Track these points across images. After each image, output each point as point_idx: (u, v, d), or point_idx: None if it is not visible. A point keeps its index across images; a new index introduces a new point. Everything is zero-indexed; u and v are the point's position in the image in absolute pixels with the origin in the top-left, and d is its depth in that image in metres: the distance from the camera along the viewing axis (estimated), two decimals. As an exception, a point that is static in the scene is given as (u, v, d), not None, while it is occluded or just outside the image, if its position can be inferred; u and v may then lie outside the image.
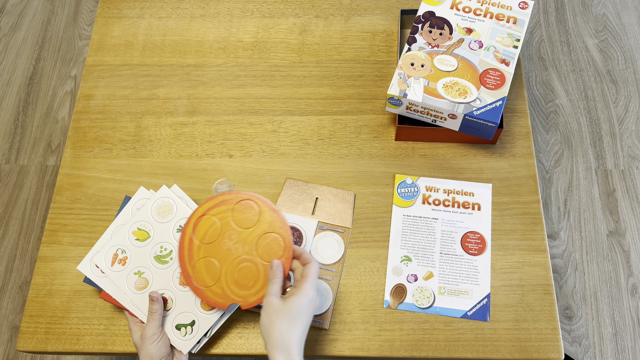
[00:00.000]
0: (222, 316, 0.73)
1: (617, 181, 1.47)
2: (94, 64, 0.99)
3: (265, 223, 0.72)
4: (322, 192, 0.85)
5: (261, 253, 0.71)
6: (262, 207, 0.72)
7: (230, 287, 0.70)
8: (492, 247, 0.81)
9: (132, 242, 0.76)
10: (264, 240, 0.71)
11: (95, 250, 0.76)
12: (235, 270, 0.70)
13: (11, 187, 1.52)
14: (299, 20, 1.02)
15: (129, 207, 0.79)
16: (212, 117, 0.93)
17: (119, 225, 0.78)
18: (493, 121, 0.79)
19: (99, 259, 0.75)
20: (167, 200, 0.77)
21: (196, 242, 0.71)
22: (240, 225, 0.72)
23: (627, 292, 1.34)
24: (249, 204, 0.72)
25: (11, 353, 1.33)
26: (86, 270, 0.75)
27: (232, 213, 0.72)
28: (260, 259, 0.70)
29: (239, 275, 0.70)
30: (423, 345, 0.75)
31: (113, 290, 0.74)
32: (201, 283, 0.70)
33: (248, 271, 0.70)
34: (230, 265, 0.70)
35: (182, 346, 0.72)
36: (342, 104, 0.93)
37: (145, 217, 0.77)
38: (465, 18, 0.88)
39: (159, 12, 1.04)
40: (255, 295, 0.69)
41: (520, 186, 0.85)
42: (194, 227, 0.72)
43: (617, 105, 1.57)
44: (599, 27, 1.70)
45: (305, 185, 0.86)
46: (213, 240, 0.71)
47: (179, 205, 0.77)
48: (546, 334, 0.75)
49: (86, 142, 0.92)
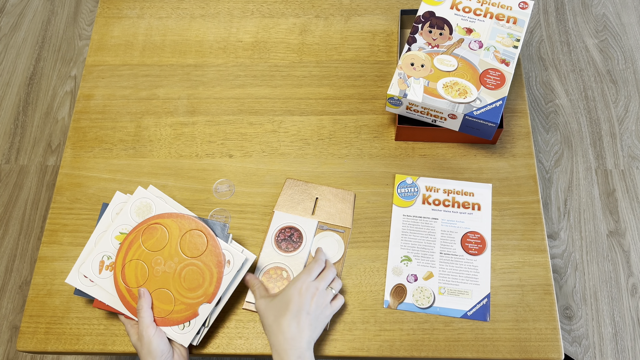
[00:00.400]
0: (218, 304, 0.74)
1: (617, 181, 1.47)
2: (94, 64, 0.99)
3: (175, 231, 0.75)
4: (322, 192, 0.85)
5: (190, 253, 0.74)
6: (163, 221, 0.76)
7: (187, 296, 0.73)
8: (492, 247, 0.81)
9: (116, 247, 0.76)
10: (184, 243, 0.74)
11: (81, 260, 0.76)
12: (182, 282, 0.73)
13: (11, 187, 1.52)
14: (299, 20, 1.02)
15: (108, 213, 0.78)
16: (212, 117, 0.93)
17: (100, 232, 0.77)
18: (493, 121, 0.79)
19: (86, 268, 0.75)
20: (146, 201, 0.78)
21: (134, 289, 0.74)
22: (157, 248, 0.75)
23: (627, 292, 1.35)
24: (151, 227, 0.76)
25: (11, 353, 1.33)
26: (75, 282, 0.75)
27: (144, 245, 0.75)
28: (192, 257, 0.74)
29: (187, 283, 0.73)
30: (423, 345, 0.75)
31: (105, 297, 0.74)
32: (163, 313, 0.73)
33: (192, 274, 0.73)
34: (174, 282, 0.74)
35: (182, 339, 0.72)
36: (342, 104, 0.93)
37: (126, 220, 0.77)
38: (465, 18, 0.88)
39: (159, 12, 1.04)
40: (211, 285, 0.73)
41: (520, 186, 0.85)
42: (123, 279, 0.74)
43: (617, 105, 1.57)
44: (599, 27, 1.70)
45: (305, 185, 0.86)
46: (146, 277, 0.74)
47: (158, 204, 0.77)
48: (546, 334, 0.75)
49: (86, 142, 0.92)
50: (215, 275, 0.73)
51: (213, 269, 0.73)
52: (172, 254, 0.74)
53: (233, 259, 0.74)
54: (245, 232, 0.83)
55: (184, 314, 0.72)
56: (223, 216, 0.85)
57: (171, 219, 0.76)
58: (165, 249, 0.74)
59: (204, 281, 0.73)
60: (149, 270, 0.74)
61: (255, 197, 0.86)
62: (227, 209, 0.85)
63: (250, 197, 0.86)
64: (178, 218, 0.76)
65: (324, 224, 0.83)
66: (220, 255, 0.74)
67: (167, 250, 0.74)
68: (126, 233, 0.76)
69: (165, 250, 0.74)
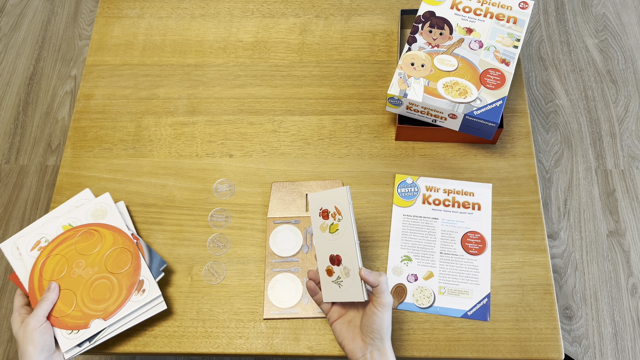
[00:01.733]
0: (115, 327, 0.74)
1: (617, 181, 1.47)
2: (94, 64, 0.99)
3: (108, 242, 0.78)
4: (310, 187, 0.85)
5: (111, 267, 0.76)
6: (103, 230, 0.78)
7: (88, 306, 0.74)
8: (492, 247, 0.81)
9: (58, 234, 0.79)
10: (111, 256, 0.77)
11: (22, 233, 0.79)
12: (90, 290, 0.75)
13: (11, 187, 1.52)
14: (299, 20, 1.02)
15: (69, 203, 0.82)
16: (212, 117, 0.93)
17: (54, 217, 0.81)
18: (493, 121, 0.79)
19: (22, 242, 0.78)
20: (104, 206, 0.81)
21: (46, 280, 0.75)
22: (86, 252, 0.77)
23: (627, 292, 1.35)
24: (89, 231, 0.79)
25: (11, 353, 1.33)
26: (6, 248, 0.78)
27: (76, 245, 0.78)
28: (111, 272, 0.76)
29: (94, 293, 0.75)
30: (423, 345, 0.75)
31: (22, 274, 0.76)
32: (59, 313, 0.73)
33: (103, 287, 0.75)
34: (84, 288, 0.75)
35: (63, 343, 0.72)
36: (342, 103, 0.93)
37: (79, 216, 0.80)
38: (465, 18, 0.88)
39: (159, 12, 1.04)
40: (114, 304, 0.74)
41: (520, 186, 0.85)
42: (41, 268, 0.76)
43: (617, 105, 1.57)
44: (599, 27, 1.70)
45: (292, 184, 0.86)
46: (62, 273, 0.76)
47: (113, 214, 0.81)
48: (546, 333, 0.75)
49: (86, 142, 0.92)
50: (123, 296, 0.75)
51: (123, 290, 0.75)
52: (95, 262, 0.77)
53: (149, 289, 0.75)
54: (245, 232, 0.83)
55: (76, 322, 0.73)
56: (223, 216, 0.85)
57: (111, 231, 0.79)
58: (91, 256, 0.77)
59: (110, 297, 0.74)
60: (67, 269, 0.76)
61: (256, 197, 0.86)
62: (227, 208, 0.85)
63: (251, 197, 0.86)
64: (117, 233, 0.78)
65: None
66: (137, 278, 0.75)
67: (92, 257, 0.77)
68: (73, 226, 0.79)
69: (91, 257, 0.77)
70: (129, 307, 0.74)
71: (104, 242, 0.78)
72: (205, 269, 0.81)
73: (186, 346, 0.76)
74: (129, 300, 0.74)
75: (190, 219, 0.85)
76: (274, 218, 0.83)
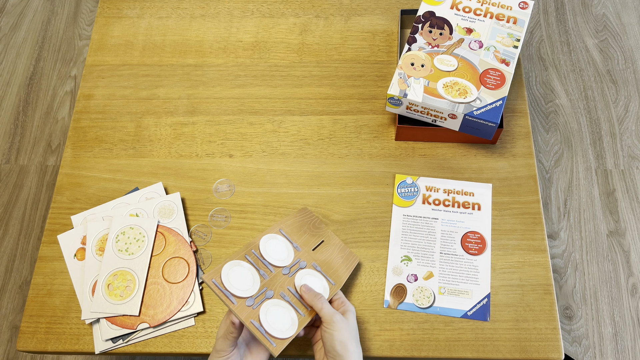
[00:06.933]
0: (152, 332, 0.75)
1: (617, 181, 1.47)
2: (94, 64, 0.99)
3: (170, 249, 0.79)
4: (330, 238, 0.81)
5: (167, 275, 0.78)
6: (168, 236, 0.80)
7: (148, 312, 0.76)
8: (492, 247, 0.81)
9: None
10: (169, 264, 0.78)
11: (93, 211, 0.84)
12: (144, 293, 0.77)
13: (11, 187, 1.52)
14: (299, 20, 1.02)
15: (140, 192, 0.85)
16: (212, 117, 0.93)
17: (124, 203, 0.84)
18: (493, 121, 0.79)
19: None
20: (171, 205, 0.83)
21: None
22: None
23: (627, 292, 1.35)
24: (157, 234, 0.81)
25: (11, 353, 1.33)
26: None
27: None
28: (166, 280, 0.78)
29: (147, 297, 0.77)
30: (423, 345, 0.75)
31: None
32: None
33: (155, 293, 0.77)
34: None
35: (105, 332, 0.74)
36: (342, 104, 0.93)
37: (148, 209, 0.83)
38: (465, 18, 0.88)
39: (159, 12, 1.04)
40: (163, 313, 0.76)
41: (520, 186, 0.85)
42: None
43: (617, 105, 1.57)
44: (599, 27, 1.70)
45: (319, 222, 0.82)
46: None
47: (178, 215, 0.83)
48: (546, 333, 0.75)
49: (86, 142, 0.92)
50: (172, 307, 0.76)
51: (174, 301, 0.76)
52: (154, 266, 0.78)
53: (193, 302, 0.76)
54: (245, 232, 0.83)
55: (126, 321, 0.75)
56: (223, 216, 0.85)
57: (175, 238, 0.80)
58: (153, 258, 0.79)
59: (160, 305, 0.76)
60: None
61: (256, 197, 0.86)
62: (227, 208, 0.85)
63: (251, 197, 0.86)
64: (180, 242, 0.80)
65: (319, 266, 0.76)
66: (188, 293, 0.77)
67: (153, 259, 0.79)
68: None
69: (152, 259, 0.79)
70: (175, 318, 0.76)
71: (167, 247, 0.79)
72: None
73: (186, 346, 0.76)
74: (178, 312, 0.76)
75: (190, 219, 0.85)
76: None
